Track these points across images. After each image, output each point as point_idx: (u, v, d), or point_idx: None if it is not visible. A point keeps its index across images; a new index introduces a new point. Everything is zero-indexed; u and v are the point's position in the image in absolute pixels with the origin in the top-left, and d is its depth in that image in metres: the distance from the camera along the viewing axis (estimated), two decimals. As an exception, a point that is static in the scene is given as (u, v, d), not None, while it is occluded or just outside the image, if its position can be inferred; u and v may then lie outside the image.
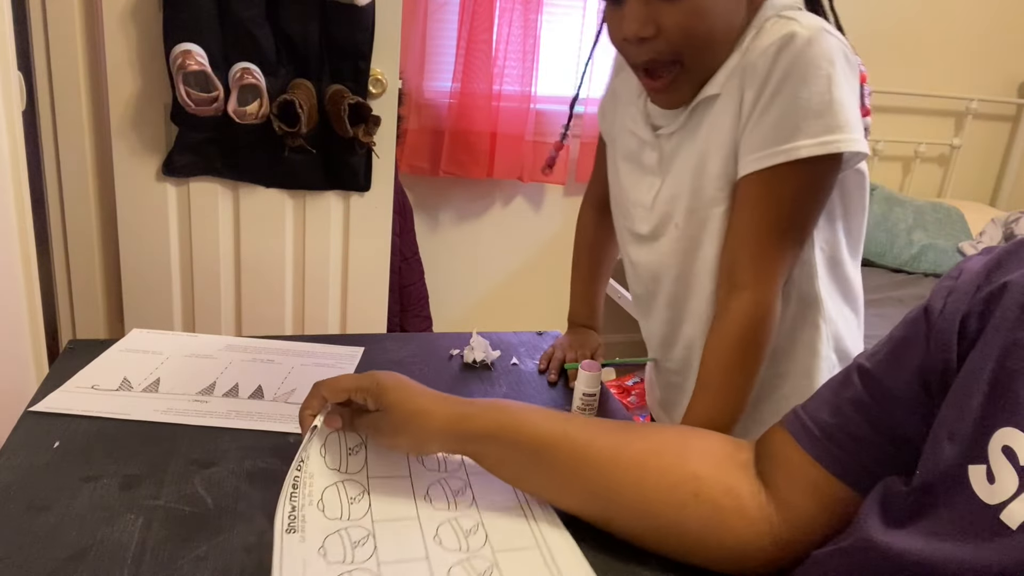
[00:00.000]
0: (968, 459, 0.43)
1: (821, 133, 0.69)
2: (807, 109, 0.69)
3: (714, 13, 0.72)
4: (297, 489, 0.66)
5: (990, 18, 2.85)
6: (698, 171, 0.79)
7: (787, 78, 0.69)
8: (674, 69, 0.75)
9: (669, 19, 0.72)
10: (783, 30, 0.70)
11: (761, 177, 0.72)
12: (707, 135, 0.78)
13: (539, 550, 0.63)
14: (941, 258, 2.55)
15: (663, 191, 0.84)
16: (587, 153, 2.50)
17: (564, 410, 0.90)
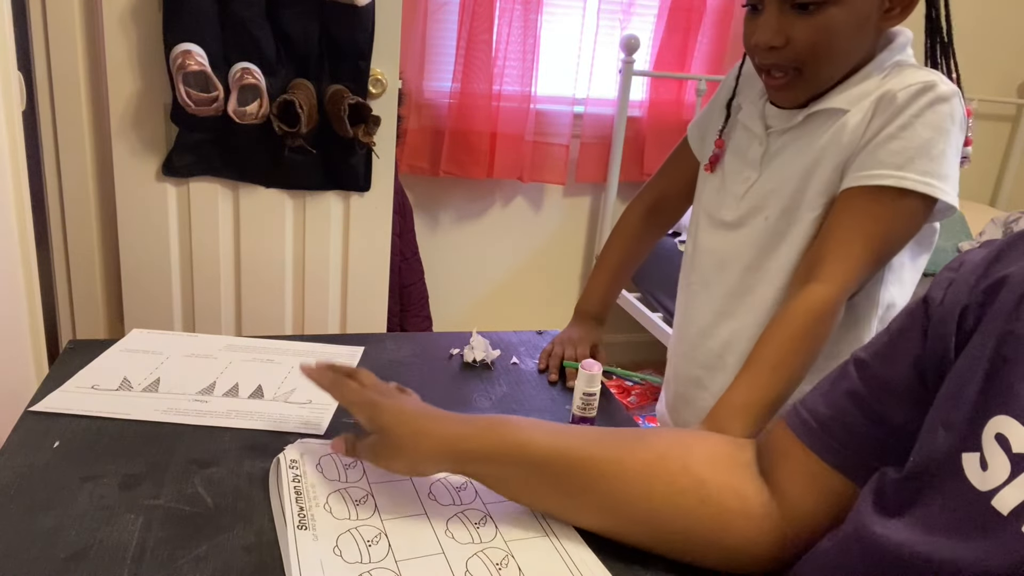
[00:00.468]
0: (962, 447, 0.44)
1: (926, 174, 0.76)
2: (921, 149, 0.76)
3: (841, 33, 0.78)
4: (301, 495, 0.66)
5: (990, 18, 2.85)
6: (806, 174, 0.84)
7: (917, 117, 0.76)
8: (792, 74, 0.82)
9: (800, 32, 0.78)
10: (927, 78, 0.77)
11: (867, 192, 0.78)
12: (826, 144, 0.83)
13: (548, 538, 0.65)
14: (941, 258, 2.55)
15: (760, 183, 0.89)
16: (587, 153, 2.50)
17: (564, 410, 0.91)
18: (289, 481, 0.68)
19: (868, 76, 0.82)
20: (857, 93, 0.81)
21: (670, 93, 2.51)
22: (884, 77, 0.81)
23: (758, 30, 0.81)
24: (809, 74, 0.81)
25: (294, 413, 0.84)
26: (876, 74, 0.82)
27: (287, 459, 0.71)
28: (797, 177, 0.85)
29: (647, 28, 2.47)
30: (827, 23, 0.77)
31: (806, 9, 0.77)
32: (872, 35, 0.81)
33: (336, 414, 0.84)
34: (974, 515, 0.42)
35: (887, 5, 0.79)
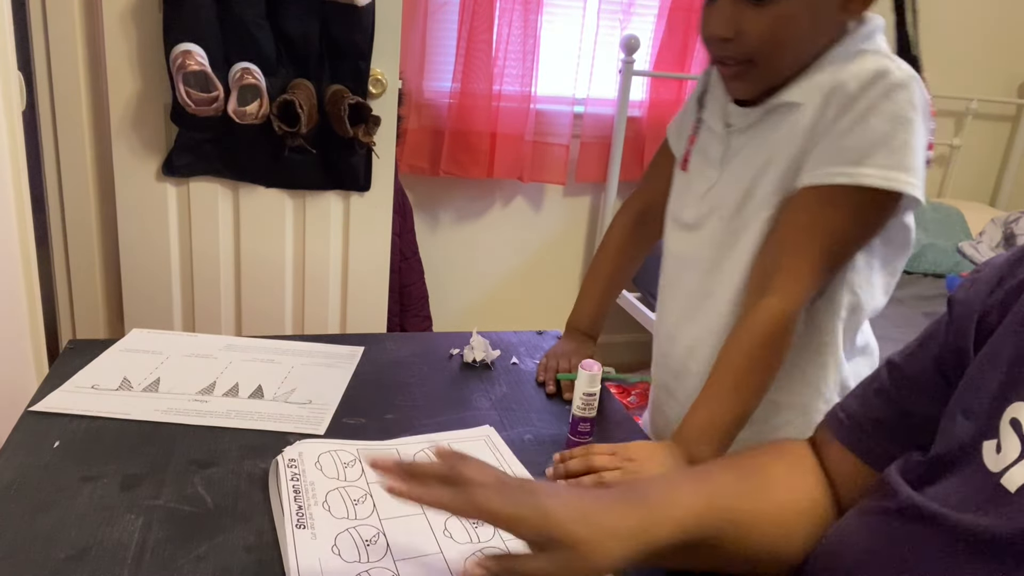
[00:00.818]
0: (982, 436, 0.46)
1: (887, 168, 0.72)
2: (880, 142, 0.72)
3: (794, 25, 0.75)
4: (299, 494, 0.66)
5: (990, 18, 2.86)
6: (759, 172, 0.81)
7: (872, 107, 0.72)
8: (744, 65, 0.79)
9: (751, 24, 0.75)
10: (880, 64, 0.73)
11: (820, 192, 0.75)
12: (779, 139, 0.80)
13: None
14: (941, 258, 2.55)
15: (719, 184, 0.86)
16: (587, 153, 2.50)
17: (564, 410, 0.91)
18: (288, 479, 0.68)
19: (824, 67, 0.78)
20: (811, 85, 0.78)
21: (670, 93, 2.51)
22: (840, 65, 0.77)
23: (710, 21, 0.78)
24: (762, 66, 0.78)
25: (294, 413, 0.84)
26: (833, 64, 0.77)
27: (286, 458, 0.71)
28: (751, 175, 0.82)
29: (647, 28, 2.47)
30: (780, 14, 0.74)
31: (759, 1, 0.74)
32: (831, 27, 0.77)
33: (336, 414, 0.84)
34: (983, 493, 0.44)
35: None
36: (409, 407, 0.88)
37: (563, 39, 2.39)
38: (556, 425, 0.87)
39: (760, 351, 0.78)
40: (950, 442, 0.49)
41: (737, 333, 0.80)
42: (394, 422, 0.84)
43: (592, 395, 0.80)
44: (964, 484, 0.46)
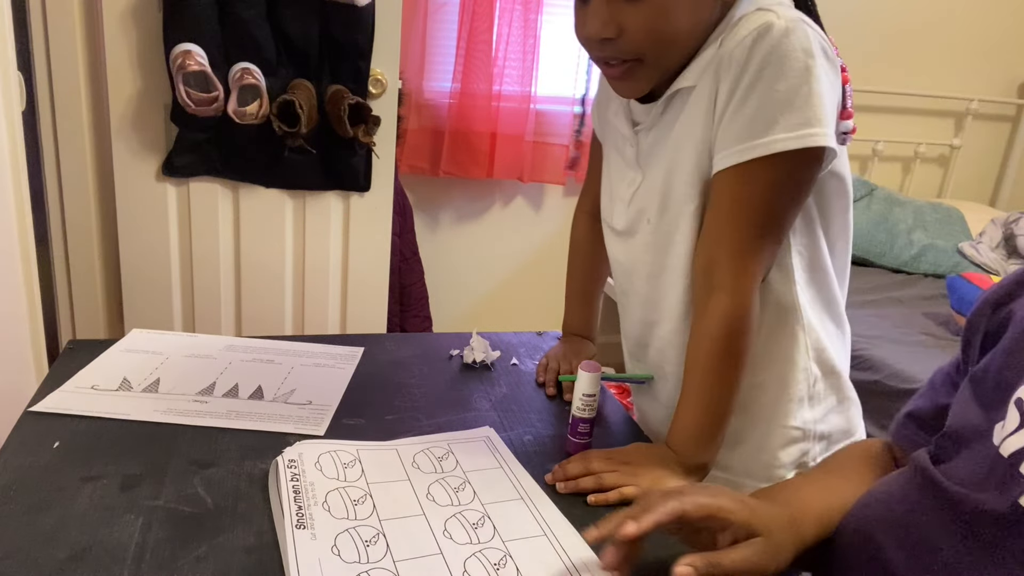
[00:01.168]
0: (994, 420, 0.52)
1: (798, 127, 0.67)
2: (784, 102, 0.67)
3: (677, 12, 0.71)
4: (299, 494, 0.66)
5: (990, 18, 2.85)
6: (671, 167, 0.78)
7: (763, 69, 0.67)
8: (631, 63, 0.74)
9: (631, 20, 0.71)
10: (760, 20, 0.69)
11: (736, 172, 0.70)
12: (680, 129, 0.76)
13: (547, 537, 0.65)
14: (941, 258, 2.55)
15: (641, 187, 0.83)
16: (587, 153, 2.50)
17: (564, 411, 0.90)
18: (288, 480, 0.68)
19: (710, 44, 0.73)
20: (701, 63, 0.74)
21: (670, 93, 2.51)
22: (724, 35, 0.72)
23: (587, 22, 0.73)
24: (651, 61, 0.73)
25: (294, 414, 0.84)
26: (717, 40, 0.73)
27: (286, 459, 0.71)
28: (665, 171, 0.78)
29: (647, 28, 2.47)
30: (659, 6, 0.70)
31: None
32: (711, 7, 0.73)
33: (336, 415, 0.84)
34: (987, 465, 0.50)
35: None
36: (409, 408, 0.88)
37: (563, 39, 2.39)
38: (556, 426, 0.87)
39: (722, 350, 0.75)
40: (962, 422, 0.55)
41: (696, 337, 0.78)
42: (394, 422, 0.84)
43: (592, 396, 0.80)
44: (972, 458, 0.52)
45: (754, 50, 0.68)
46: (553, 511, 0.69)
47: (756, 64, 0.68)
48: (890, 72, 2.76)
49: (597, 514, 0.71)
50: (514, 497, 0.71)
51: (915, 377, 1.73)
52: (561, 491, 0.74)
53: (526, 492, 0.72)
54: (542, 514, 0.68)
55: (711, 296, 0.75)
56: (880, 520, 0.57)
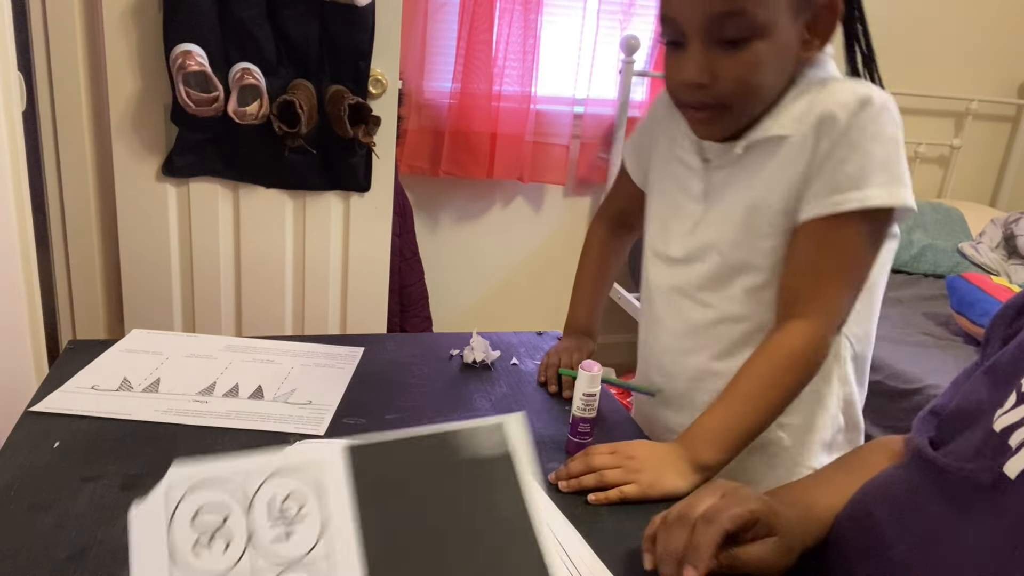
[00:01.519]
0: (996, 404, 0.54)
1: (888, 184, 0.75)
2: (880, 164, 0.75)
3: (767, 66, 0.77)
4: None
5: (990, 18, 2.85)
6: (754, 206, 0.82)
7: (863, 133, 0.75)
8: (718, 110, 0.80)
9: (725, 69, 0.76)
10: (861, 91, 0.76)
11: (830, 221, 0.77)
12: (772, 173, 0.81)
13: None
14: (941, 258, 2.55)
15: (707, 219, 0.86)
16: (588, 153, 2.50)
17: (564, 411, 0.90)
18: None
19: (797, 97, 0.80)
20: (792, 116, 0.79)
21: (670, 93, 2.51)
22: (814, 95, 0.79)
23: (684, 68, 0.78)
24: (736, 109, 0.79)
25: (294, 413, 0.84)
26: (805, 95, 0.80)
27: None
28: (745, 210, 0.82)
29: (647, 28, 2.47)
30: (753, 58, 0.75)
31: (734, 45, 0.75)
32: (792, 64, 0.80)
33: (336, 414, 0.84)
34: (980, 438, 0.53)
35: (807, 36, 0.78)
36: (409, 407, 0.88)
37: (563, 39, 2.39)
38: (556, 426, 0.87)
39: (783, 368, 0.79)
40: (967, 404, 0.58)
41: (764, 348, 0.80)
42: (394, 422, 0.84)
43: (592, 396, 0.80)
44: (969, 437, 0.55)
45: (859, 115, 0.75)
46: (553, 510, 0.69)
47: (858, 128, 0.76)
48: (890, 72, 2.74)
49: (597, 513, 0.71)
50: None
51: (915, 377, 1.73)
52: (564, 490, 0.74)
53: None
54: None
55: (790, 321, 0.79)
56: (874, 494, 0.61)
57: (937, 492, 0.55)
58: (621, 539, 0.67)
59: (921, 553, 0.53)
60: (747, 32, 0.74)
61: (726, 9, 0.74)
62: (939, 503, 0.54)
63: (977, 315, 1.95)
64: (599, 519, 0.70)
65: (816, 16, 0.77)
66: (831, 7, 0.77)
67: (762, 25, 0.74)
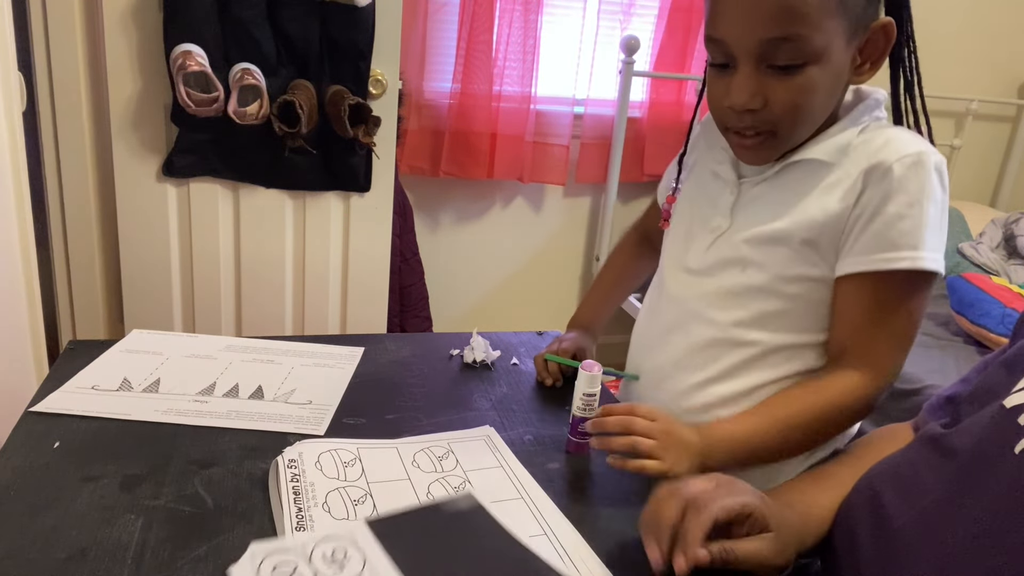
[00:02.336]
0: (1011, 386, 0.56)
1: (935, 250, 0.75)
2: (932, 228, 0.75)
3: (819, 91, 0.74)
4: (299, 495, 0.66)
5: (990, 18, 2.86)
6: (780, 228, 0.80)
7: (923, 194, 0.74)
8: (765, 136, 0.77)
9: (777, 93, 0.74)
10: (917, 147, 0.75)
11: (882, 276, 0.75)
12: (804, 198, 0.79)
13: (547, 536, 0.65)
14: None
15: (731, 232, 0.84)
16: (587, 154, 2.50)
17: (564, 411, 0.90)
18: (287, 481, 0.68)
19: (844, 129, 0.78)
20: (835, 145, 0.78)
21: (670, 94, 2.51)
22: (862, 132, 0.78)
23: (733, 91, 0.75)
24: (784, 135, 0.77)
25: (294, 413, 0.84)
26: (851, 127, 0.78)
27: (286, 459, 0.71)
28: (771, 231, 0.80)
29: (647, 29, 2.47)
30: (806, 84, 0.73)
31: (786, 70, 0.72)
32: (843, 90, 0.78)
33: (336, 414, 0.84)
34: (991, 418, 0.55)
35: (858, 60, 0.76)
36: (409, 407, 0.88)
37: (563, 39, 2.39)
38: (556, 426, 0.87)
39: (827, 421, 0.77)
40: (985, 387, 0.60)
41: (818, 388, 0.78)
42: (394, 422, 0.84)
43: (592, 396, 0.80)
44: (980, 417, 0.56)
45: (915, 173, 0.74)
46: (553, 511, 0.69)
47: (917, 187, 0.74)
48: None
49: (597, 513, 0.71)
50: (514, 496, 0.71)
51: (916, 377, 1.73)
52: (594, 446, 0.74)
53: (526, 491, 0.72)
54: (542, 513, 0.69)
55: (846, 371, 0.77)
56: (881, 476, 0.62)
57: (942, 468, 0.56)
58: (621, 539, 0.67)
59: (925, 528, 0.54)
60: (801, 57, 0.72)
61: (781, 34, 0.70)
62: (944, 479, 0.55)
63: (977, 315, 1.95)
64: (599, 519, 0.70)
65: (869, 40, 0.75)
66: (886, 31, 0.75)
67: (817, 50, 0.71)
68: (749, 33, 0.72)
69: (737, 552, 0.58)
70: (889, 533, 0.57)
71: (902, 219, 0.74)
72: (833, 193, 0.77)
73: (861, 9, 0.73)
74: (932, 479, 0.56)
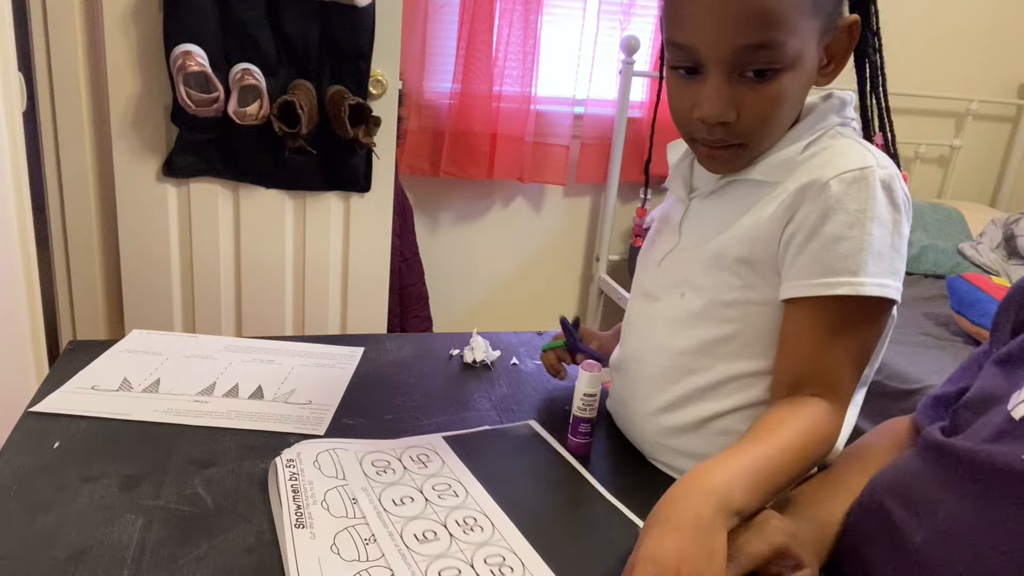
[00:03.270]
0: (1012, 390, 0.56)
1: (882, 276, 0.67)
2: (876, 252, 0.67)
3: (790, 101, 0.70)
4: (298, 493, 0.66)
5: (990, 19, 2.86)
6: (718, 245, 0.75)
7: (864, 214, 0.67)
8: (735, 148, 0.72)
9: (749, 104, 0.68)
10: (862, 161, 0.68)
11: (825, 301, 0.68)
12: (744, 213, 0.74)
13: None
14: (941, 259, 2.55)
15: (677, 250, 0.80)
16: (587, 154, 2.50)
17: (564, 411, 0.90)
18: (286, 479, 0.68)
19: (790, 143, 0.72)
20: (775, 162, 0.72)
21: (670, 94, 2.51)
22: (811, 145, 0.72)
23: (704, 103, 0.69)
24: (755, 146, 0.72)
25: (294, 414, 0.84)
26: (795, 143, 0.72)
27: (284, 459, 0.71)
28: (712, 247, 0.75)
29: (647, 29, 2.47)
30: (780, 92, 0.68)
31: (760, 78, 0.67)
32: (806, 95, 0.72)
33: (336, 414, 0.84)
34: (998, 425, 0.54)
35: (824, 61, 0.71)
36: (409, 407, 0.88)
37: (563, 39, 2.39)
38: (556, 426, 0.87)
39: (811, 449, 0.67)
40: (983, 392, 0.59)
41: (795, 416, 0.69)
42: (394, 422, 0.84)
43: (592, 396, 0.80)
44: (985, 424, 0.56)
45: (857, 191, 0.67)
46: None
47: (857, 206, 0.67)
48: (890, 72, 2.75)
49: (597, 513, 0.71)
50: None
51: (915, 377, 1.73)
52: None
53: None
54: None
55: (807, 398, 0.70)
56: (886, 488, 0.61)
57: (954, 480, 0.55)
58: (621, 539, 0.67)
59: (941, 543, 0.53)
60: (776, 64, 0.66)
61: (757, 40, 0.65)
62: (956, 491, 0.54)
63: (977, 315, 1.95)
64: (598, 528, 0.70)
65: (835, 38, 0.70)
66: (851, 29, 0.71)
67: (792, 56, 0.66)
68: (722, 40, 0.66)
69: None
70: (909, 550, 0.55)
71: (840, 241, 0.67)
72: (767, 208, 0.72)
73: (832, 7, 0.68)
74: (943, 491, 0.55)
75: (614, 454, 0.83)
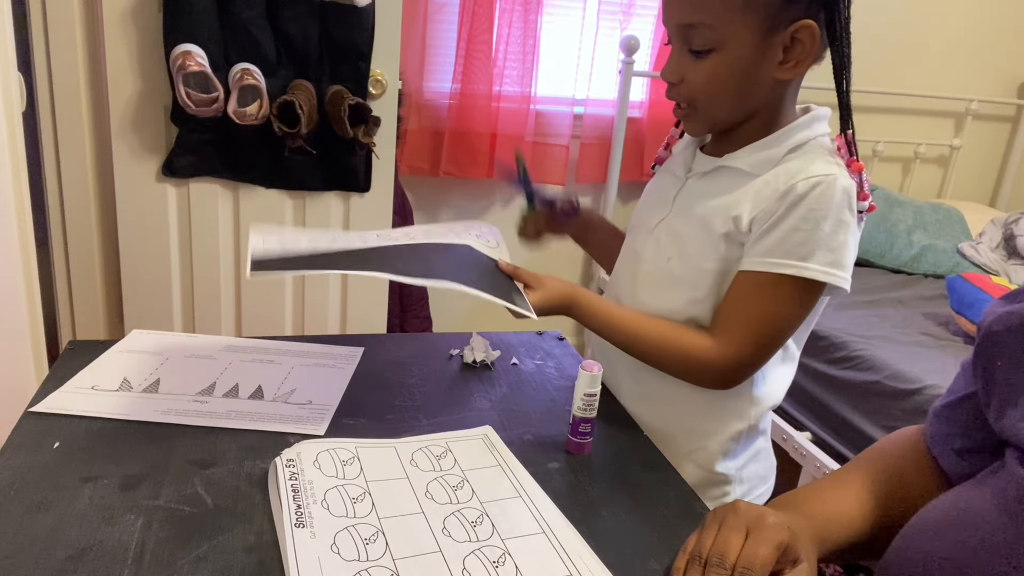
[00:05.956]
0: None
1: (828, 265, 0.80)
2: (825, 244, 0.80)
3: (725, 80, 0.82)
4: (298, 492, 0.66)
5: (990, 19, 2.86)
6: (706, 226, 0.87)
7: (817, 210, 0.80)
8: (687, 108, 0.87)
9: (691, 73, 0.83)
10: (827, 170, 0.81)
11: (768, 276, 0.82)
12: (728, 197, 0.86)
13: (545, 535, 0.65)
14: (941, 259, 2.55)
15: (667, 221, 0.92)
16: (587, 154, 2.50)
17: (564, 411, 0.91)
18: (286, 479, 0.68)
19: (776, 143, 0.84)
20: (763, 159, 0.85)
21: (670, 94, 2.51)
22: (792, 152, 0.84)
23: (664, 66, 0.86)
24: (703, 110, 0.86)
25: (294, 414, 0.84)
26: (784, 143, 0.84)
27: (284, 458, 0.71)
28: (698, 226, 0.88)
29: (647, 28, 2.47)
30: (713, 68, 0.81)
31: (698, 54, 0.82)
32: (769, 85, 0.83)
33: (336, 414, 0.84)
34: None
35: (781, 57, 0.81)
36: (409, 407, 0.88)
37: (563, 39, 2.39)
38: (556, 425, 0.87)
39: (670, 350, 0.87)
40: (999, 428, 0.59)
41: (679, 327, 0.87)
42: (394, 422, 0.84)
43: (592, 396, 0.80)
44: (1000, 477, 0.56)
45: (820, 191, 0.80)
46: (552, 509, 0.69)
47: (812, 203, 0.80)
48: (890, 72, 2.76)
49: (596, 513, 0.71)
50: (512, 495, 0.71)
51: (915, 377, 1.73)
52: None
53: (525, 490, 0.72)
54: (541, 512, 0.69)
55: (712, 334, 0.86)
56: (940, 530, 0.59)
57: None
58: (621, 539, 0.67)
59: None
60: (708, 44, 0.80)
61: (688, 21, 0.81)
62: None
63: (977, 315, 1.95)
64: (599, 519, 0.70)
65: (795, 39, 0.79)
66: (810, 32, 0.78)
67: (721, 39, 0.79)
68: (669, 18, 0.83)
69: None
70: None
71: (796, 231, 0.80)
72: (747, 194, 0.84)
73: (776, 8, 0.78)
74: None
75: (615, 454, 0.83)
